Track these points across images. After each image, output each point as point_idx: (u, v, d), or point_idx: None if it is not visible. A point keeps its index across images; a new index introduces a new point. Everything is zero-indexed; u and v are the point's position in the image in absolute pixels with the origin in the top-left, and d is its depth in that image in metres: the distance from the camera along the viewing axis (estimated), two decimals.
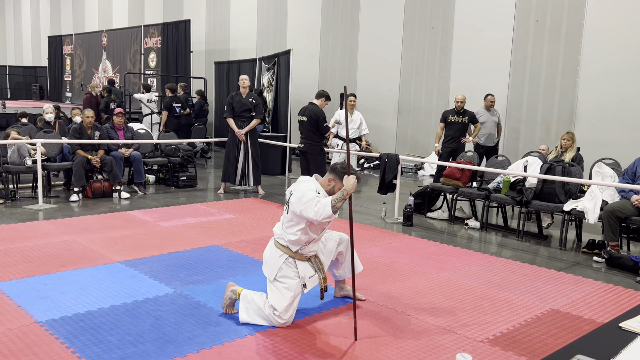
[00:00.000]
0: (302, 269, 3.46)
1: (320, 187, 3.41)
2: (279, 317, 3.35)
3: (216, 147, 13.80)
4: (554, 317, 3.79)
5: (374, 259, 4.99)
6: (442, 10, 10.74)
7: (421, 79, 11.22)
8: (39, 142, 6.89)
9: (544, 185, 6.04)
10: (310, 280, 3.46)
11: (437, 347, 3.25)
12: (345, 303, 3.87)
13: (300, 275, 3.43)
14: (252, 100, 7.85)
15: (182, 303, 3.78)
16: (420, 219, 6.92)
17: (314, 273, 3.50)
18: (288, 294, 3.38)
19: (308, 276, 3.45)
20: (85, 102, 11.89)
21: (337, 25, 12.75)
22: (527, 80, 9.54)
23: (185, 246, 5.21)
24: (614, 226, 5.22)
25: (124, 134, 8.09)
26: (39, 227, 5.76)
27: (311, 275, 3.48)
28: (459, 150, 8.07)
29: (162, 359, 2.98)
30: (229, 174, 8.00)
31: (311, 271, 3.49)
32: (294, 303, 3.40)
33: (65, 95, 21.54)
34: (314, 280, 3.49)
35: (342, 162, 3.46)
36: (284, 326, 3.39)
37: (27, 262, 4.56)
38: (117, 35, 18.75)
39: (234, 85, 12.53)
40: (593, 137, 8.56)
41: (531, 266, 5.02)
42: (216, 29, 16.12)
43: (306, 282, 3.44)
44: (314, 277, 3.49)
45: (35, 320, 3.41)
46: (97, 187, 7.44)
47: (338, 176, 3.36)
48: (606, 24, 8.52)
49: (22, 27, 26.68)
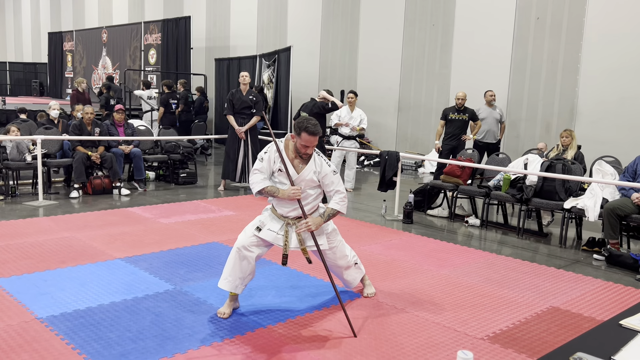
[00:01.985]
0: (269, 220, 3.52)
1: (287, 144, 3.50)
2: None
3: (216, 144, 13.79)
4: (554, 315, 3.79)
5: (374, 257, 4.99)
6: (442, 8, 10.72)
7: (422, 77, 11.21)
8: (39, 139, 6.89)
9: (545, 183, 6.03)
10: (267, 231, 3.47)
11: (437, 345, 3.25)
12: (345, 301, 3.87)
13: (261, 220, 3.52)
14: (252, 98, 7.84)
15: (182, 300, 3.78)
16: (420, 217, 6.92)
17: (277, 231, 3.48)
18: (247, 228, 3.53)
19: (267, 227, 3.49)
20: (73, 99, 11.84)
21: (337, 22, 12.73)
22: (528, 77, 9.53)
23: (185, 243, 5.21)
24: (614, 224, 5.22)
25: (124, 131, 8.08)
26: (39, 223, 5.76)
27: (273, 230, 3.47)
28: (459, 147, 8.06)
29: (162, 355, 2.98)
30: (229, 171, 8.00)
31: (276, 227, 3.49)
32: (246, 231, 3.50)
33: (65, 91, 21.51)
34: (271, 236, 3.46)
35: (303, 118, 3.46)
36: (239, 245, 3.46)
37: (27, 258, 4.56)
38: (117, 31, 18.72)
39: (234, 82, 12.52)
40: (593, 135, 8.55)
41: (531, 264, 5.02)
42: (216, 25, 16.10)
43: (262, 228, 3.48)
44: (273, 234, 3.47)
45: (36, 316, 3.41)
46: (97, 184, 7.44)
47: (296, 132, 3.41)
48: (607, 22, 8.51)
49: (22, 23, 26.63)
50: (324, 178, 3.49)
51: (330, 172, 3.50)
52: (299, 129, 3.35)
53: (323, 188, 3.55)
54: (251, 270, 3.51)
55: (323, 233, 3.59)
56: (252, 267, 3.51)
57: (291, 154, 3.48)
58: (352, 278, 3.88)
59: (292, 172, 3.44)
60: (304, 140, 3.36)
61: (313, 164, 3.48)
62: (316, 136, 3.36)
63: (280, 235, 3.47)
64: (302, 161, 3.48)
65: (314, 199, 3.54)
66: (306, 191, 3.49)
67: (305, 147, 3.39)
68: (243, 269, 3.47)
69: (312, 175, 3.46)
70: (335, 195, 3.52)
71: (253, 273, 3.56)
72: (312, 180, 3.47)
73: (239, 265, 3.46)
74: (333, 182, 3.51)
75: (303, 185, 3.46)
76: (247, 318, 3.52)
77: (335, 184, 3.52)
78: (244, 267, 3.46)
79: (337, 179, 3.53)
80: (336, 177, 3.53)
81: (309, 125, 3.33)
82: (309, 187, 3.50)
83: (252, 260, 3.46)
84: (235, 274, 3.48)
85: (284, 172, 3.42)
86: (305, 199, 3.48)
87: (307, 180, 3.46)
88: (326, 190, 3.55)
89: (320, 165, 3.50)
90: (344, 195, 3.55)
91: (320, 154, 3.56)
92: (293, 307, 3.74)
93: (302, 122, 3.36)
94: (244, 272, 3.48)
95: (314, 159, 3.50)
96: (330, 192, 3.54)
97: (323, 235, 3.58)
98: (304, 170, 3.46)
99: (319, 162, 3.51)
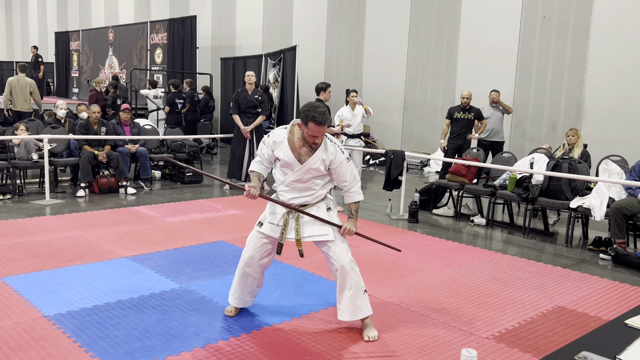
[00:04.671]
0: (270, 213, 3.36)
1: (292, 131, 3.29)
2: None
3: (222, 144, 13.82)
4: (559, 314, 3.79)
5: (379, 256, 4.99)
6: (448, 7, 10.70)
7: (427, 76, 11.19)
8: (45, 138, 6.93)
9: (551, 182, 6.01)
10: (268, 224, 3.32)
11: (442, 344, 3.25)
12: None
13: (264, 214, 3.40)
14: (258, 97, 7.86)
15: (188, 298, 3.80)
16: (425, 216, 6.91)
17: (276, 223, 3.30)
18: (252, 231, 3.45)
19: (268, 221, 3.34)
20: (92, 99, 11.89)
21: (343, 21, 12.72)
22: (534, 76, 9.50)
23: (191, 242, 5.23)
24: (620, 223, 5.20)
25: (130, 130, 8.11)
26: (46, 222, 5.79)
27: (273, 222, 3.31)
28: (464, 146, 8.05)
29: (168, 353, 2.99)
30: (234, 170, 8.02)
31: (275, 219, 3.32)
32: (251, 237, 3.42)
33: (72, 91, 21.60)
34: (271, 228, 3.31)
35: (310, 105, 3.17)
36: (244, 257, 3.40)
37: (34, 256, 4.59)
38: (123, 31, 18.77)
39: (240, 82, 12.53)
40: (600, 134, 8.52)
41: (537, 263, 5.01)
42: (222, 25, 16.12)
43: (264, 222, 3.36)
44: (273, 227, 3.31)
45: (43, 314, 3.44)
46: (104, 183, 7.48)
47: (302, 121, 3.18)
48: (614, 20, 8.47)
49: (29, 23, 26.75)
50: (338, 167, 3.25)
51: (344, 160, 3.26)
52: (305, 118, 3.11)
53: (333, 176, 3.32)
54: (258, 283, 3.52)
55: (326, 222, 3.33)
56: (259, 280, 3.51)
57: (297, 142, 3.25)
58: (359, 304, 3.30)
59: (294, 162, 3.23)
60: (311, 130, 3.11)
61: (322, 152, 3.23)
62: (324, 126, 3.11)
63: (279, 227, 3.29)
64: (309, 150, 3.23)
65: (321, 187, 3.33)
66: (312, 180, 3.28)
67: (312, 137, 3.15)
68: (249, 285, 3.48)
69: (318, 164, 3.21)
70: (353, 185, 3.32)
71: (261, 284, 3.56)
72: (317, 170, 3.24)
73: (245, 282, 3.46)
74: (347, 170, 3.27)
75: (307, 175, 3.25)
76: (253, 316, 3.53)
77: (349, 173, 3.28)
78: (249, 283, 3.47)
79: (350, 167, 3.30)
80: (350, 165, 3.30)
81: (316, 115, 3.07)
82: (315, 177, 3.28)
83: (257, 275, 3.46)
84: (242, 290, 3.49)
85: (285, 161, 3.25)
86: (310, 188, 3.30)
87: (312, 169, 3.23)
88: (338, 179, 3.32)
89: (335, 153, 3.25)
90: (359, 182, 3.35)
91: (333, 139, 3.31)
92: (299, 305, 3.75)
93: (308, 111, 3.09)
94: (251, 287, 3.51)
95: (326, 147, 3.25)
96: (343, 184, 3.31)
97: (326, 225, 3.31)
98: (310, 160, 3.22)
99: (332, 150, 3.25)
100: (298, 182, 3.29)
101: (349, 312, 3.27)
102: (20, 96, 9.70)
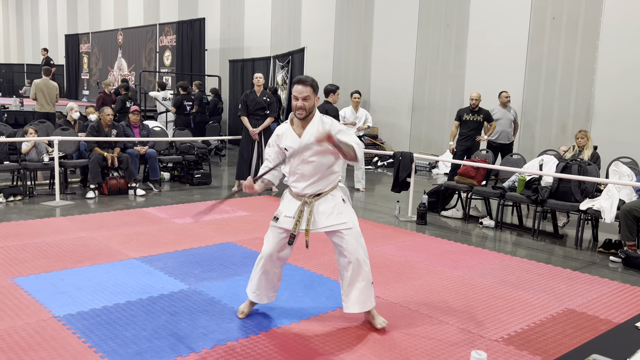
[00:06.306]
0: (285, 206, 3.35)
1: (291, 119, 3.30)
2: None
3: (230, 145, 13.86)
4: (569, 317, 3.76)
5: (388, 257, 4.98)
6: (457, 8, 10.67)
7: (436, 77, 11.17)
8: (56, 140, 6.98)
9: (560, 184, 5.98)
10: (284, 218, 3.30)
11: (451, 346, 3.24)
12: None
13: (279, 209, 3.37)
14: (266, 99, 7.87)
15: (197, 299, 3.81)
16: (434, 218, 6.89)
17: (291, 216, 3.28)
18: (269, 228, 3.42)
19: (284, 214, 3.32)
20: (99, 101, 11.95)
21: (351, 23, 12.72)
22: (543, 78, 9.45)
23: (200, 243, 5.25)
24: (631, 226, 5.16)
25: (140, 132, 8.16)
26: (56, 223, 5.84)
27: (289, 215, 3.29)
28: (473, 148, 8.02)
29: (177, 354, 3.00)
30: (242, 172, 8.03)
31: (291, 212, 3.29)
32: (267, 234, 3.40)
33: (82, 93, 21.75)
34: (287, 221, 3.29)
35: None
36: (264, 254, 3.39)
37: (45, 257, 4.62)
38: (132, 33, 18.89)
39: (248, 84, 12.57)
40: (610, 136, 8.46)
41: (546, 265, 4.98)
42: (231, 27, 16.18)
43: (279, 216, 3.33)
44: (288, 219, 3.29)
45: (53, 315, 3.46)
46: (113, 184, 7.52)
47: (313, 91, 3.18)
48: (624, 21, 8.41)
49: (40, 26, 26.97)
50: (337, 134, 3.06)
51: (343, 128, 3.20)
52: (291, 85, 3.20)
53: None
54: (278, 277, 3.52)
55: (343, 211, 3.29)
56: (279, 274, 3.51)
57: (297, 128, 3.25)
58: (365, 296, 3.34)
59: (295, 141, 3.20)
60: (294, 91, 3.11)
61: (318, 126, 3.18)
62: (304, 85, 3.11)
63: (293, 219, 3.27)
64: (301, 123, 3.22)
65: (327, 169, 3.23)
66: (318, 162, 3.19)
67: (295, 98, 3.12)
68: (270, 280, 3.48)
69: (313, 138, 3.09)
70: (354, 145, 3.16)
71: (281, 278, 3.56)
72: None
73: (266, 279, 3.45)
74: (347, 136, 3.11)
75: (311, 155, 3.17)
76: (261, 318, 3.53)
77: (350, 138, 3.09)
78: (270, 279, 3.47)
79: (352, 135, 3.16)
80: (351, 134, 3.18)
81: (299, 77, 3.17)
82: (318, 156, 3.18)
83: (277, 269, 3.46)
84: (265, 287, 3.48)
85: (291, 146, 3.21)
86: (318, 171, 3.21)
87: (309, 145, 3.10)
88: None
89: (331, 124, 3.19)
90: (357, 143, 3.12)
91: (331, 117, 3.29)
92: (307, 307, 3.75)
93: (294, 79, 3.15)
94: (272, 282, 3.50)
95: (321, 121, 3.21)
96: None
97: (343, 213, 3.27)
98: (304, 134, 3.19)
99: (329, 122, 3.21)
100: (303, 163, 3.22)
101: (359, 304, 3.31)
102: (46, 98, 10.08)
